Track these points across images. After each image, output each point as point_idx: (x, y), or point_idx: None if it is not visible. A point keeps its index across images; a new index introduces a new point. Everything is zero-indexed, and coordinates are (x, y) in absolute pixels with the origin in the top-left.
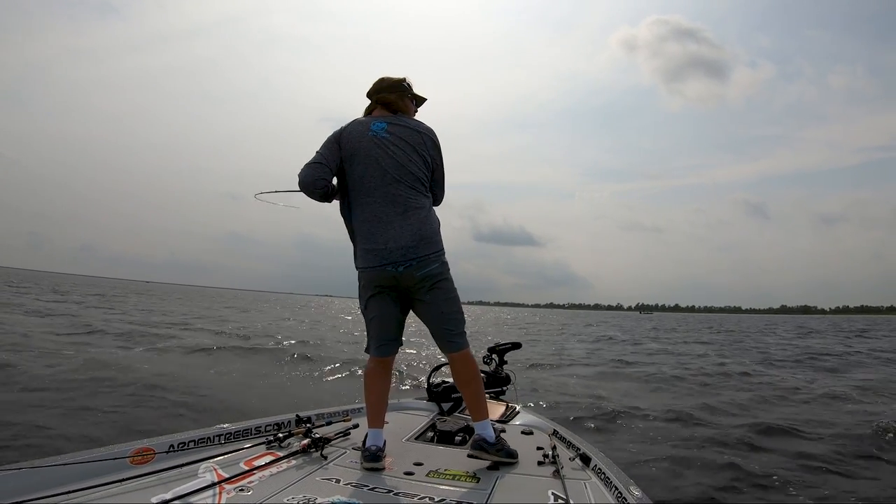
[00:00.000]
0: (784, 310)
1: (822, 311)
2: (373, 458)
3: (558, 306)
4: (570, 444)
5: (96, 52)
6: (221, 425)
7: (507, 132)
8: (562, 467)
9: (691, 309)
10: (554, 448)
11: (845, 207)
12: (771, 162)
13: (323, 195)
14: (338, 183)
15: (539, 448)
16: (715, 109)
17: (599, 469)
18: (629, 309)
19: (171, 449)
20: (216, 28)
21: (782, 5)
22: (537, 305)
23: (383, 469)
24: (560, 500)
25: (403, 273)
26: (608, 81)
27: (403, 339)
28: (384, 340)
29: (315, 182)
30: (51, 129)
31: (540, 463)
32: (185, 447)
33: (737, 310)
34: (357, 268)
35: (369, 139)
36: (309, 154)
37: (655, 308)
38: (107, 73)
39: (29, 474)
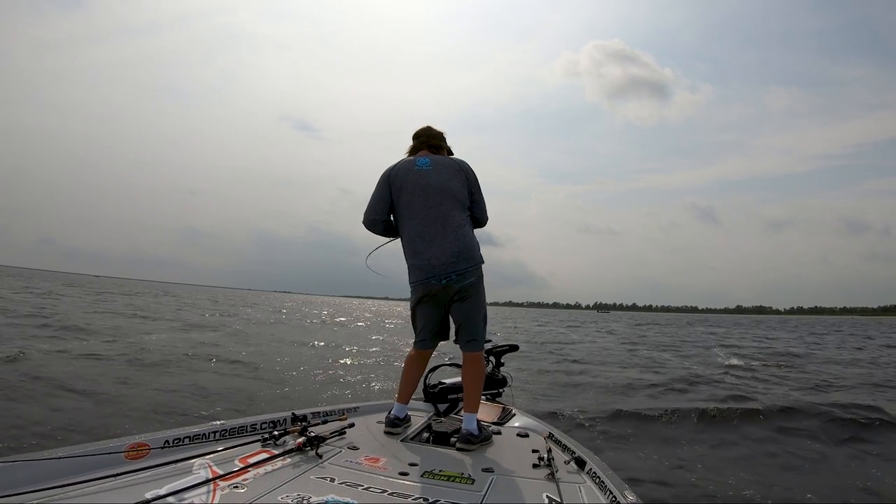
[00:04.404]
0: (740, 310)
1: (777, 312)
2: (391, 423)
3: (517, 305)
4: (565, 448)
5: (59, 44)
6: (216, 422)
7: (464, 133)
8: (557, 470)
9: (649, 308)
10: (549, 451)
11: (792, 213)
12: (723, 167)
13: (385, 230)
14: (392, 214)
15: (534, 451)
16: (658, 125)
17: (594, 473)
18: (588, 308)
19: (167, 444)
20: (180, 22)
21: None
22: (496, 304)
23: (400, 434)
24: (554, 503)
25: (445, 285)
26: (564, 87)
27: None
28: (424, 337)
29: (373, 222)
30: (11, 119)
31: (535, 465)
32: (181, 443)
33: (693, 309)
34: (409, 282)
35: (415, 172)
36: (268, 151)
37: (613, 307)
38: (69, 64)
39: (23, 467)
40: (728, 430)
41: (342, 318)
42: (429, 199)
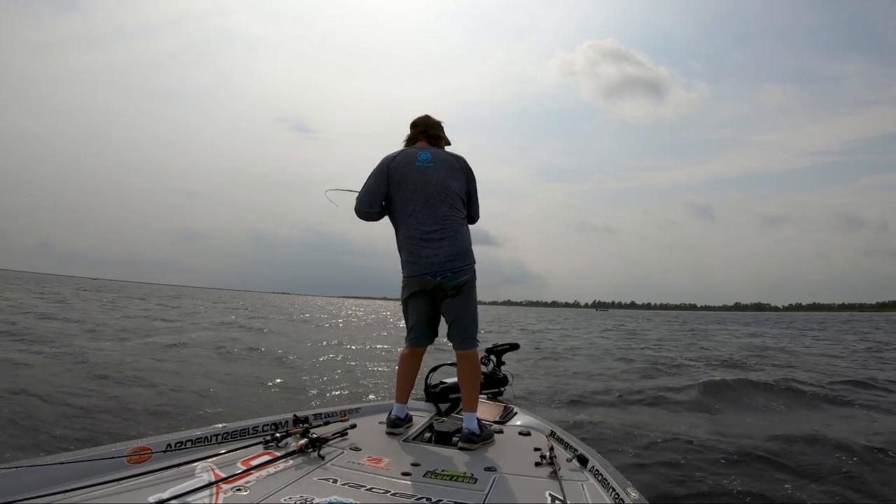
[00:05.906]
0: (738, 307)
1: (776, 308)
2: (392, 424)
3: (515, 304)
4: (567, 446)
5: (55, 47)
6: (218, 425)
7: (461, 133)
8: (559, 468)
9: (648, 306)
10: (551, 449)
11: (789, 209)
12: (720, 165)
13: (377, 219)
14: (386, 205)
15: (536, 449)
16: (654, 123)
17: (597, 470)
18: (586, 306)
19: (169, 448)
20: (175, 24)
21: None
22: (494, 303)
23: (401, 435)
24: (557, 501)
25: (440, 282)
26: (560, 86)
27: None
28: (417, 334)
29: (367, 213)
30: (6, 122)
31: (537, 464)
32: (183, 446)
33: (692, 307)
34: (403, 276)
35: (416, 168)
36: (264, 152)
37: (612, 305)
38: (65, 67)
39: (27, 472)
40: (716, 421)
41: (341, 321)
42: (430, 198)
